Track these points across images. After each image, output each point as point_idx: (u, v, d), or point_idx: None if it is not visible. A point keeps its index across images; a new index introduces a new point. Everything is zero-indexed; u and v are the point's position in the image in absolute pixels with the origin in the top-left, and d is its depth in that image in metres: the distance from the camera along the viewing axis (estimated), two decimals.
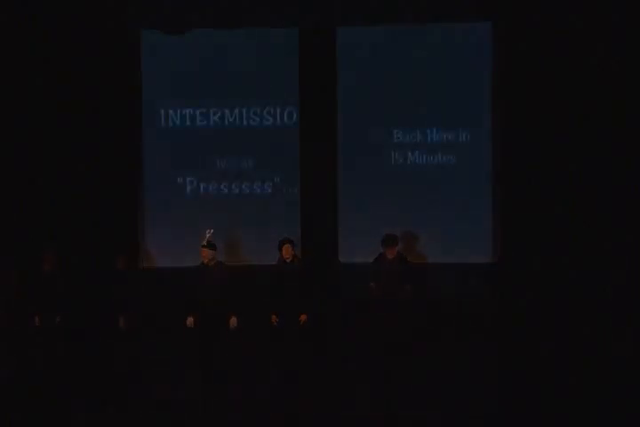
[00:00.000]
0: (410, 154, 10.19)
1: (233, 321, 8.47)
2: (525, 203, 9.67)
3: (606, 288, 9.20)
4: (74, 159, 9.93)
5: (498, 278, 9.74)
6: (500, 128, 9.91)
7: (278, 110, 10.31)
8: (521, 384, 8.15)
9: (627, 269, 9.20)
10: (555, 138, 9.57)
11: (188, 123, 10.36)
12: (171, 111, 10.37)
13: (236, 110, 10.33)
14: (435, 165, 10.15)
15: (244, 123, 10.33)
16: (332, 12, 9.86)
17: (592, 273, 9.28)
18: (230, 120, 10.35)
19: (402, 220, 9.82)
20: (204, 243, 8.56)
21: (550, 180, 9.59)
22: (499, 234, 9.93)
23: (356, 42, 10.12)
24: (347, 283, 9.84)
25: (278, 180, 10.29)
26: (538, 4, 9.52)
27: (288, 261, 8.76)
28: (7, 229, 9.71)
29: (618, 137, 9.39)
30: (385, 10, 9.79)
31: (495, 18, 9.85)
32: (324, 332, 9.36)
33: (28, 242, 9.70)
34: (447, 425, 7.23)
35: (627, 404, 7.42)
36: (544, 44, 9.56)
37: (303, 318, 8.59)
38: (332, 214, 10.14)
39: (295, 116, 10.25)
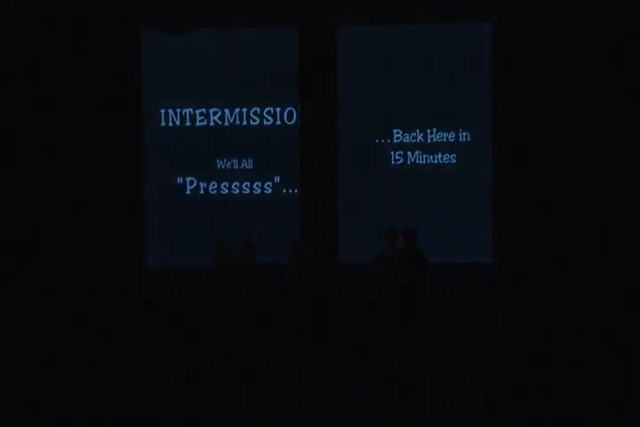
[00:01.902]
0: (410, 154, 10.20)
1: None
2: (525, 203, 9.66)
3: (606, 288, 9.20)
4: (74, 159, 9.92)
5: (498, 278, 9.73)
6: (500, 128, 9.91)
7: (278, 110, 10.31)
8: (521, 384, 8.15)
9: (627, 269, 9.19)
10: (555, 138, 9.56)
11: (187, 123, 10.37)
12: (170, 111, 10.38)
13: (236, 110, 10.34)
14: (435, 165, 10.16)
15: (244, 123, 10.34)
16: (331, 12, 9.86)
17: (592, 273, 9.27)
18: (230, 120, 10.36)
19: (402, 220, 9.81)
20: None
21: (550, 180, 9.59)
22: (498, 234, 9.92)
23: (356, 42, 10.12)
24: (347, 283, 9.84)
25: (278, 180, 10.30)
26: (538, 4, 9.52)
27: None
28: (7, 228, 9.71)
29: (618, 137, 9.38)
30: (385, 10, 9.80)
31: (495, 18, 9.85)
32: (324, 332, 9.36)
33: (28, 242, 9.70)
34: (447, 425, 7.23)
35: (627, 404, 7.42)
36: (544, 44, 9.55)
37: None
38: (332, 214, 10.14)
39: (295, 116, 10.26)
